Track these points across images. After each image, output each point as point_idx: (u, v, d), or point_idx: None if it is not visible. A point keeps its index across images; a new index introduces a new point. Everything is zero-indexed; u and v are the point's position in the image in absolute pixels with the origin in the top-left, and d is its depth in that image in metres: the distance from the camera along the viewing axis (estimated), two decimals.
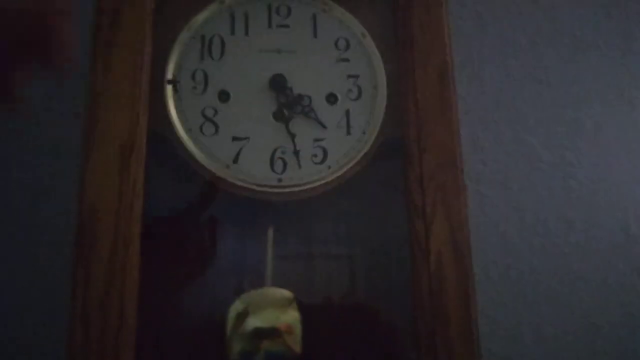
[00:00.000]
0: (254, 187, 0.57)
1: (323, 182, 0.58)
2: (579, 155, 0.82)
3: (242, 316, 0.56)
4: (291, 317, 0.56)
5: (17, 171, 0.72)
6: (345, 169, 0.59)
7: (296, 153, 0.59)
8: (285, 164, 0.59)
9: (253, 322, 0.55)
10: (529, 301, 0.78)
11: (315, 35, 0.62)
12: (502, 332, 0.74)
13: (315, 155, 0.59)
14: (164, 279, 0.55)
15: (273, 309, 0.56)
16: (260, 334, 0.54)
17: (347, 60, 0.62)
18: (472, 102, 0.82)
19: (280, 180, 0.58)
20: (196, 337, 0.56)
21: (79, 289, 0.49)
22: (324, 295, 0.62)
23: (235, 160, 0.58)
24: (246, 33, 0.62)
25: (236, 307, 0.56)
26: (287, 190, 0.58)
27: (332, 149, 0.59)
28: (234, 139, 0.58)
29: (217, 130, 0.58)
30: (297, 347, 0.55)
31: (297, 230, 0.63)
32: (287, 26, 0.62)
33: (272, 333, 0.54)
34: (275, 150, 0.59)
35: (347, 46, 0.62)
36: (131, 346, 0.49)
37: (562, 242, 0.79)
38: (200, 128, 0.58)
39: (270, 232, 0.60)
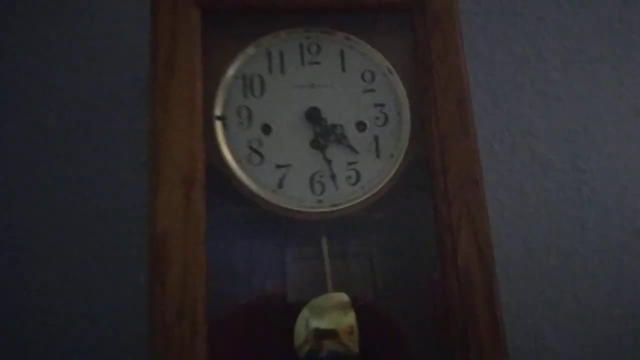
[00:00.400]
0: (298, 208, 0.65)
1: (358, 201, 0.65)
2: (589, 162, 0.89)
3: (307, 320, 0.62)
4: (350, 319, 0.62)
5: (96, 198, 0.81)
6: (377, 189, 0.66)
7: (332, 176, 0.66)
8: (323, 187, 0.66)
9: (316, 323, 0.61)
10: (548, 299, 0.84)
11: (343, 70, 0.70)
12: (525, 330, 0.81)
13: (350, 177, 0.66)
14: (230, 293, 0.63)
15: (335, 312, 0.62)
16: (320, 334, 0.60)
17: (373, 90, 0.69)
18: (487, 116, 0.89)
19: (320, 201, 0.65)
20: (266, 340, 0.63)
21: (157, 302, 0.57)
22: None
23: (280, 186, 0.65)
24: (282, 71, 0.69)
25: (303, 313, 0.62)
26: (326, 209, 0.65)
27: (364, 171, 0.67)
28: (278, 166, 0.66)
29: (262, 160, 0.66)
30: (355, 347, 0.61)
31: (336, 245, 0.70)
32: (318, 63, 0.70)
33: (331, 334, 0.61)
34: (314, 175, 0.66)
35: (373, 78, 0.70)
36: (204, 351, 0.57)
37: (576, 244, 0.86)
38: (248, 158, 0.66)
39: (324, 242, 0.67)
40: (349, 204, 0.66)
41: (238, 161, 0.65)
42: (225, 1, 0.67)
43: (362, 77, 0.70)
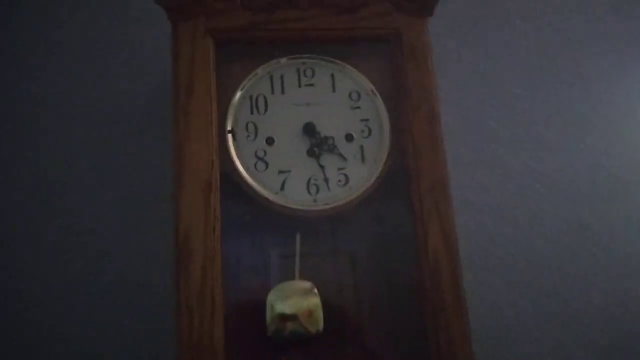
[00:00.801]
0: (297, 206, 0.78)
1: (347, 200, 0.79)
2: (543, 164, 1.04)
3: (273, 304, 0.74)
4: (312, 303, 0.74)
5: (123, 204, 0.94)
6: (362, 190, 0.79)
7: (326, 180, 0.79)
8: (318, 188, 0.79)
9: (281, 307, 0.73)
10: (508, 282, 0.98)
11: (334, 90, 0.83)
12: (486, 308, 0.95)
13: (340, 181, 0.80)
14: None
15: (297, 297, 0.74)
16: (283, 317, 0.73)
17: (359, 107, 0.82)
18: (456, 127, 1.02)
19: (315, 200, 0.79)
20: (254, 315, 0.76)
21: (182, 287, 0.70)
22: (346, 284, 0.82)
23: (282, 188, 0.78)
24: (282, 92, 0.82)
25: (270, 297, 0.75)
26: (320, 208, 0.78)
27: (352, 175, 0.80)
28: (280, 172, 0.79)
29: (266, 167, 0.79)
30: (314, 328, 0.73)
31: (328, 237, 0.83)
32: (312, 84, 0.83)
33: (292, 317, 0.73)
34: (310, 179, 0.79)
35: (359, 97, 0.83)
36: (220, 329, 0.70)
37: (532, 234, 1.00)
38: (255, 165, 0.78)
39: (298, 237, 0.79)
40: (340, 203, 0.79)
41: (246, 168, 0.78)
42: (235, 33, 0.80)
43: (350, 96, 0.83)
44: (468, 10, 1.10)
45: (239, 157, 0.78)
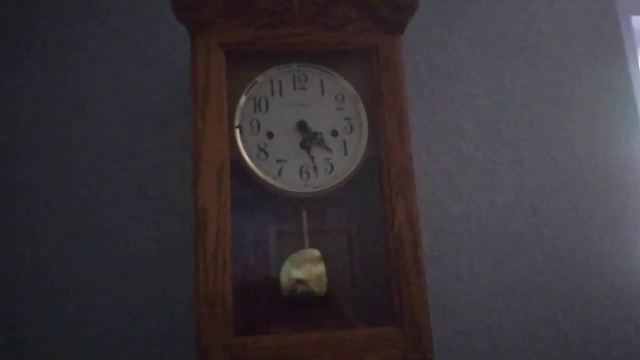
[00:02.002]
0: (291, 189, 0.96)
1: (332, 184, 0.97)
2: (502, 156, 1.22)
3: (289, 269, 0.94)
4: (319, 269, 0.94)
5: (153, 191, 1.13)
6: (345, 176, 0.97)
7: (315, 168, 0.97)
8: (308, 175, 0.97)
9: (295, 272, 0.93)
10: (467, 255, 1.18)
11: (322, 94, 1.00)
12: (448, 275, 1.15)
13: (326, 169, 0.98)
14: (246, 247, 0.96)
15: (308, 264, 0.95)
16: (298, 281, 0.93)
17: (343, 108, 1.00)
18: (427, 122, 1.21)
19: (306, 185, 0.97)
20: (265, 280, 0.96)
21: (200, 251, 0.88)
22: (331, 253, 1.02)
23: (279, 174, 0.96)
24: (280, 94, 0.99)
25: (285, 265, 0.94)
26: (310, 190, 0.97)
27: (336, 164, 0.98)
28: (278, 161, 0.97)
29: (267, 156, 0.97)
30: (320, 290, 0.93)
31: (316, 215, 1.02)
32: (305, 88, 1.00)
33: (303, 281, 0.93)
34: (302, 167, 0.97)
35: (343, 99, 1.01)
36: (229, 283, 0.89)
37: (489, 217, 1.19)
38: (257, 155, 0.96)
39: (304, 214, 0.98)
40: (326, 187, 0.97)
41: (250, 157, 0.96)
42: (242, 46, 0.97)
43: (336, 98, 1.01)
44: (439, 21, 1.28)
45: (244, 148, 0.96)
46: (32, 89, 1.15)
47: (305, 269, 0.94)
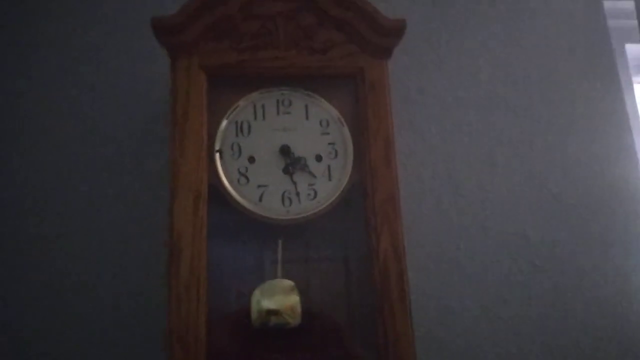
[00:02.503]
0: (272, 216, 0.93)
1: (315, 211, 0.94)
2: (492, 184, 1.19)
3: (259, 300, 0.89)
4: (292, 300, 0.89)
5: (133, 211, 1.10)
6: (328, 203, 0.94)
7: (297, 194, 0.94)
8: (291, 201, 0.94)
9: (266, 304, 0.88)
10: (453, 280, 1.12)
11: (307, 118, 0.98)
12: (433, 301, 1.10)
13: (309, 194, 0.94)
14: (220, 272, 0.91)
15: (281, 294, 0.90)
16: (269, 312, 0.88)
17: (328, 133, 0.97)
18: (415, 149, 1.18)
19: (288, 211, 0.93)
20: (241, 310, 0.91)
21: (173, 281, 0.84)
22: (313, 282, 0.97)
23: (260, 199, 0.93)
24: (263, 118, 0.97)
25: (255, 294, 0.90)
26: (292, 217, 0.93)
27: (320, 190, 0.95)
28: (259, 186, 0.93)
29: (248, 181, 0.93)
30: (294, 321, 0.88)
31: (299, 242, 0.98)
32: (289, 113, 0.98)
33: (276, 312, 0.88)
34: (284, 192, 0.94)
35: (328, 124, 0.98)
36: (204, 314, 0.84)
37: (479, 243, 1.15)
38: (238, 180, 0.93)
39: (280, 242, 0.94)
40: (309, 213, 0.94)
41: (231, 182, 0.93)
42: (224, 69, 0.95)
43: (320, 123, 0.98)
44: (430, 45, 1.26)
45: (224, 173, 0.93)
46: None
47: (276, 299, 0.89)
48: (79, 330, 1.04)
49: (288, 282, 0.92)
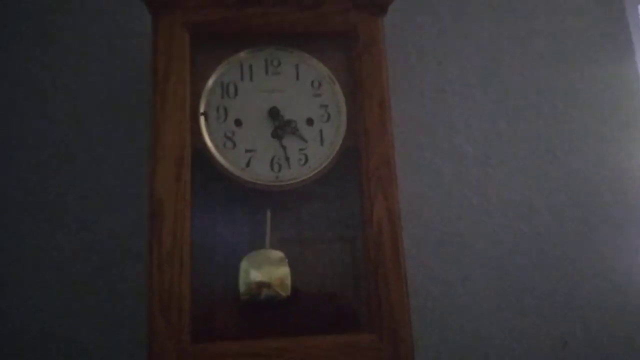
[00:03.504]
0: (260, 182, 0.88)
1: (306, 177, 0.89)
2: (494, 151, 1.13)
3: (247, 270, 0.85)
4: (282, 272, 0.85)
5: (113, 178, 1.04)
6: (320, 169, 0.89)
7: (287, 159, 0.89)
8: (280, 167, 0.89)
9: (255, 275, 0.84)
10: (453, 250, 1.06)
11: (298, 79, 0.92)
12: (431, 271, 1.05)
13: (300, 160, 0.89)
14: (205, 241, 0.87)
15: (269, 266, 0.86)
16: (260, 284, 0.84)
17: (319, 95, 0.92)
18: (416, 113, 1.12)
19: (277, 177, 0.88)
20: (222, 278, 0.86)
21: (154, 248, 0.80)
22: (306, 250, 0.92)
23: (248, 165, 0.88)
24: (251, 79, 0.91)
25: (243, 264, 0.85)
26: (282, 183, 0.88)
27: (311, 155, 0.89)
28: (246, 151, 0.88)
29: (234, 146, 0.88)
30: (285, 293, 0.84)
31: (289, 210, 0.93)
32: (278, 73, 0.92)
33: (266, 284, 0.84)
34: (273, 158, 0.89)
35: (320, 85, 0.92)
36: (188, 283, 0.80)
37: (481, 213, 1.09)
38: (224, 144, 0.88)
39: (268, 213, 0.90)
40: (299, 179, 0.89)
41: (216, 146, 0.88)
42: (209, 27, 0.89)
43: (312, 84, 0.92)
44: (430, 6, 1.19)
45: (210, 137, 0.88)
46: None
47: (266, 270, 0.85)
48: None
49: (278, 253, 0.87)
